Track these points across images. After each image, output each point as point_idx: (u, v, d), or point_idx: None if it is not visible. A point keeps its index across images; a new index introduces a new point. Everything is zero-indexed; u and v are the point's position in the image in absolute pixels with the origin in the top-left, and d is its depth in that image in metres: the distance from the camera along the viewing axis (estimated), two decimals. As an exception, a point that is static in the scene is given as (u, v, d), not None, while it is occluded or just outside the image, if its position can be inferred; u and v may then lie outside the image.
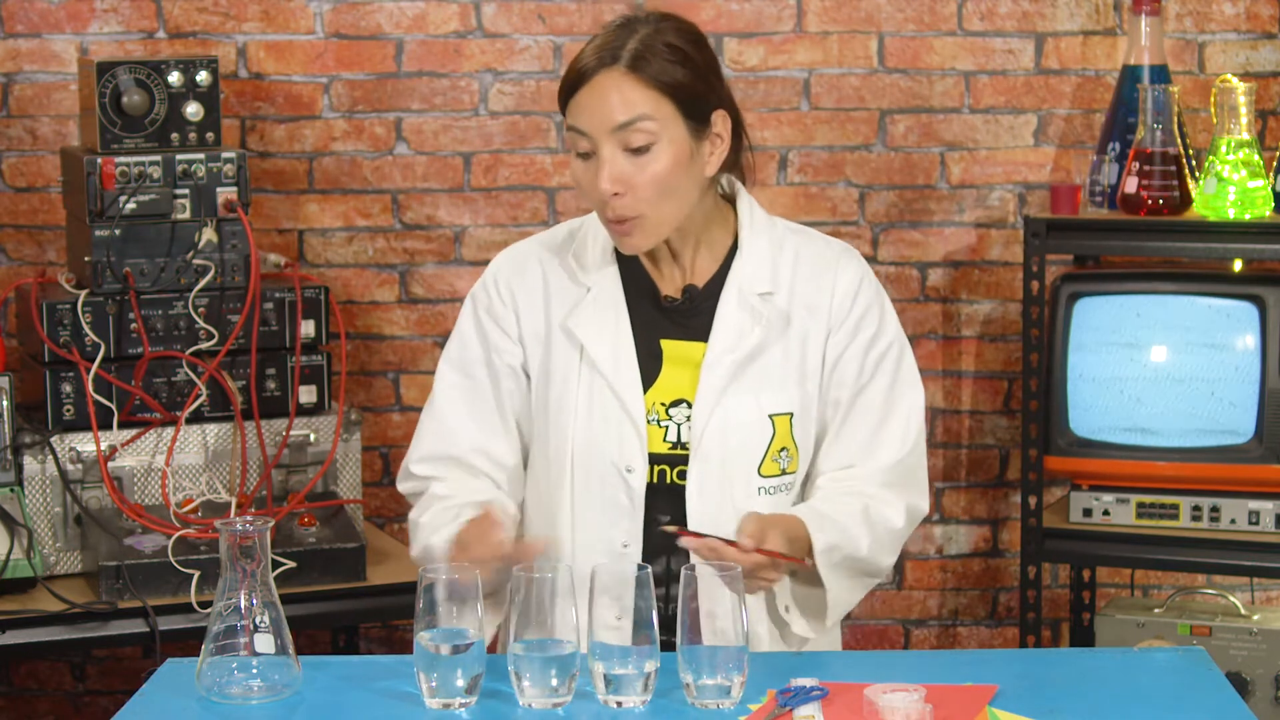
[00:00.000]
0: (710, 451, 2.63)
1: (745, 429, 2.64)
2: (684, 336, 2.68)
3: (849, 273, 2.71)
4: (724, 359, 2.64)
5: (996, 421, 4.31)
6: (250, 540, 2.33)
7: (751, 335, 2.65)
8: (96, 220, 3.63)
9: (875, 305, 2.71)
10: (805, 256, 2.72)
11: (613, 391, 2.64)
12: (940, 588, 4.35)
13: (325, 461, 3.74)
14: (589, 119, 2.56)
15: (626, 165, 2.56)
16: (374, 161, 4.20)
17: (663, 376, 2.67)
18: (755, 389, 2.65)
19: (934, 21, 4.19)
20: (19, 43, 4.08)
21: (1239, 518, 3.82)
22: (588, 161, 2.58)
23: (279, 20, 4.14)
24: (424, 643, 2.30)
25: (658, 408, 2.65)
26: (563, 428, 2.67)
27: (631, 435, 2.64)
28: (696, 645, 2.30)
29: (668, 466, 2.65)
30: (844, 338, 2.69)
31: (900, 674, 2.35)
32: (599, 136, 2.55)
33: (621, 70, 2.55)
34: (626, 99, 2.55)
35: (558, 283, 2.71)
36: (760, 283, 2.67)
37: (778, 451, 2.66)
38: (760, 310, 2.66)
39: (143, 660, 4.14)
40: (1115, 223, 3.88)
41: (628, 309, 2.68)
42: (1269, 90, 4.17)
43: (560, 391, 2.68)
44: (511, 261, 2.75)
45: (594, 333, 2.67)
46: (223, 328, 3.69)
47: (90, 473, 3.61)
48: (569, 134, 2.60)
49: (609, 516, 2.65)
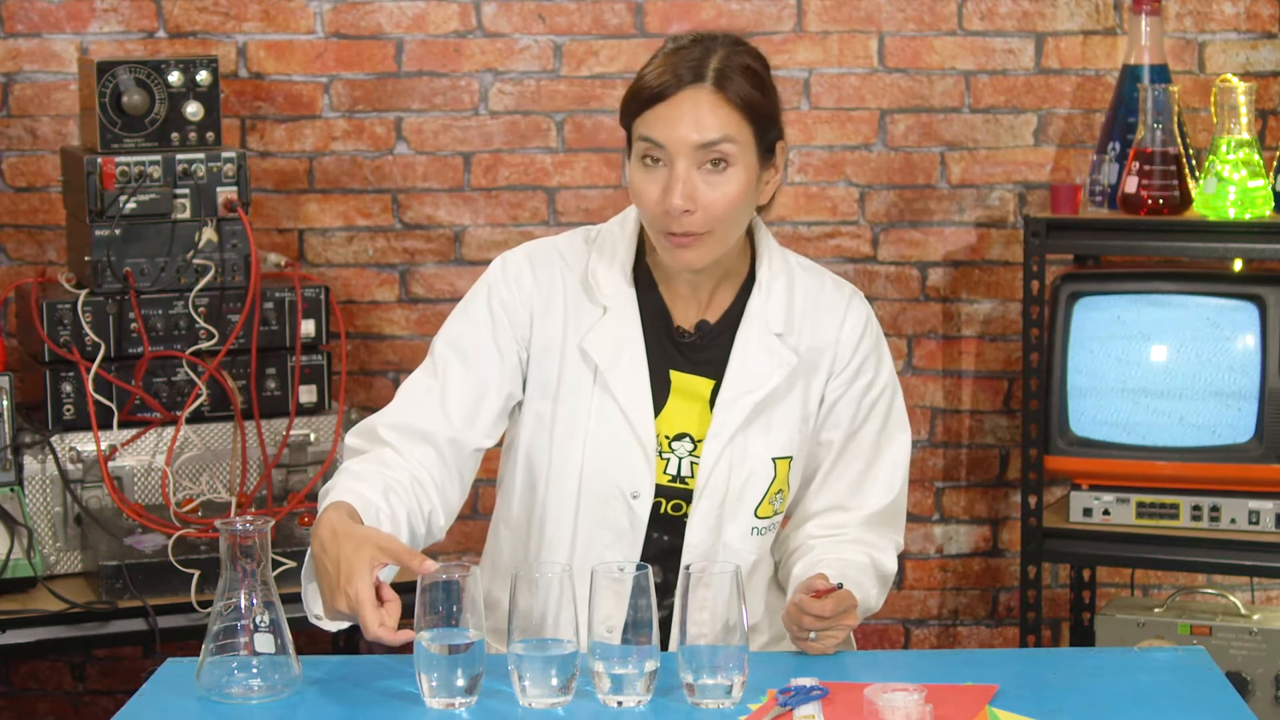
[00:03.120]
0: (716, 489, 2.64)
1: (750, 471, 2.65)
2: (693, 371, 2.66)
3: (854, 318, 2.70)
4: (743, 399, 2.63)
5: (996, 421, 4.31)
6: (250, 540, 2.33)
7: (772, 378, 2.64)
8: (96, 220, 3.63)
9: (875, 352, 2.72)
10: (815, 298, 2.70)
11: (625, 417, 2.63)
12: (940, 587, 4.35)
13: (325, 461, 3.74)
14: (669, 133, 2.52)
15: (700, 182, 2.53)
16: (374, 161, 4.20)
17: (669, 408, 2.66)
18: (764, 431, 2.65)
19: (934, 21, 4.19)
20: (19, 43, 4.08)
21: (1239, 518, 3.81)
22: (652, 172, 2.55)
23: (279, 20, 4.14)
24: (424, 643, 2.30)
25: (661, 440, 2.65)
26: (571, 449, 2.65)
27: (641, 462, 2.63)
28: (696, 645, 2.30)
29: (663, 499, 2.65)
30: (843, 383, 2.69)
31: (900, 674, 2.35)
32: (678, 151, 2.52)
33: (709, 88, 2.53)
34: (713, 118, 2.53)
35: (575, 297, 2.67)
36: (777, 322, 2.66)
37: (774, 494, 2.67)
38: (778, 352, 2.65)
39: (143, 660, 4.14)
40: (1115, 222, 3.88)
41: (643, 335, 2.66)
42: (1269, 90, 4.17)
43: (570, 411, 2.65)
44: (535, 265, 2.68)
45: (610, 355, 2.64)
46: (223, 327, 3.69)
47: (90, 472, 3.61)
48: (639, 143, 2.55)
49: (608, 539, 2.65)
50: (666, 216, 2.54)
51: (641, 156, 2.56)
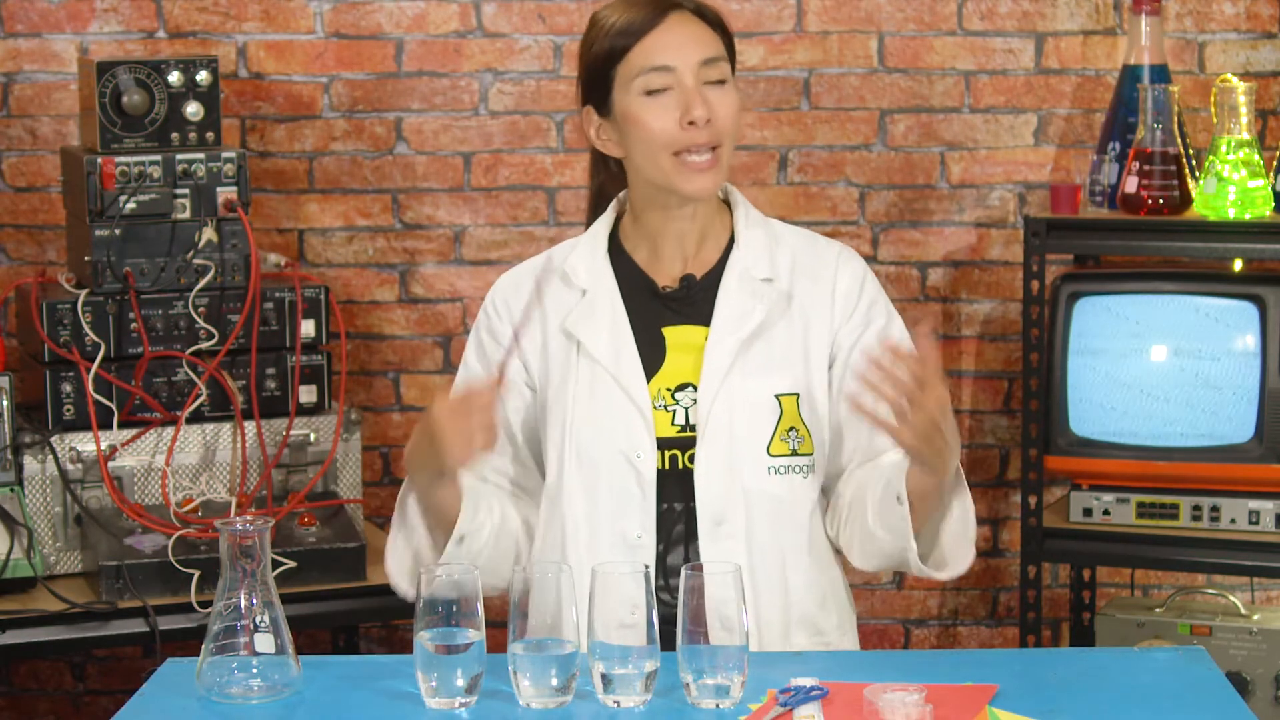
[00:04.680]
0: (717, 432, 2.64)
1: (752, 409, 2.65)
2: (685, 322, 2.70)
3: (850, 268, 2.73)
4: (727, 340, 2.65)
5: (996, 421, 4.31)
6: (250, 540, 2.33)
7: (754, 315, 2.66)
8: (96, 220, 3.63)
9: (881, 299, 2.74)
10: (805, 252, 2.74)
11: (614, 379, 2.65)
12: (940, 587, 4.35)
13: (325, 461, 3.74)
14: (674, 54, 2.63)
15: (710, 95, 2.63)
16: (374, 161, 4.20)
17: (667, 363, 2.68)
18: (760, 369, 2.66)
19: (934, 21, 4.19)
20: (19, 43, 4.08)
21: (1239, 518, 3.81)
22: (659, 99, 2.63)
23: (279, 20, 4.14)
24: (424, 643, 2.30)
25: (664, 393, 2.66)
26: (563, 421, 2.67)
27: (637, 420, 2.64)
28: (697, 645, 2.30)
29: (679, 451, 2.65)
30: (856, 326, 2.70)
31: (900, 674, 2.35)
32: (686, 70, 2.63)
33: (689, 13, 2.67)
34: (706, 36, 2.66)
35: (553, 292, 2.72)
36: (760, 269, 2.70)
37: (786, 431, 2.67)
38: (762, 292, 2.68)
39: (143, 660, 4.14)
40: (1115, 222, 3.88)
41: (625, 304, 2.70)
42: (1269, 90, 4.17)
43: (559, 387, 2.69)
44: (507, 284, 2.78)
45: (590, 328, 2.68)
46: (223, 327, 3.69)
47: (90, 472, 3.61)
48: (641, 78, 2.63)
49: (620, 507, 2.65)
50: (686, 134, 2.62)
51: (644, 92, 2.64)
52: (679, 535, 2.65)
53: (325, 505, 3.70)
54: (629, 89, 2.64)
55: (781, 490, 2.66)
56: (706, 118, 2.61)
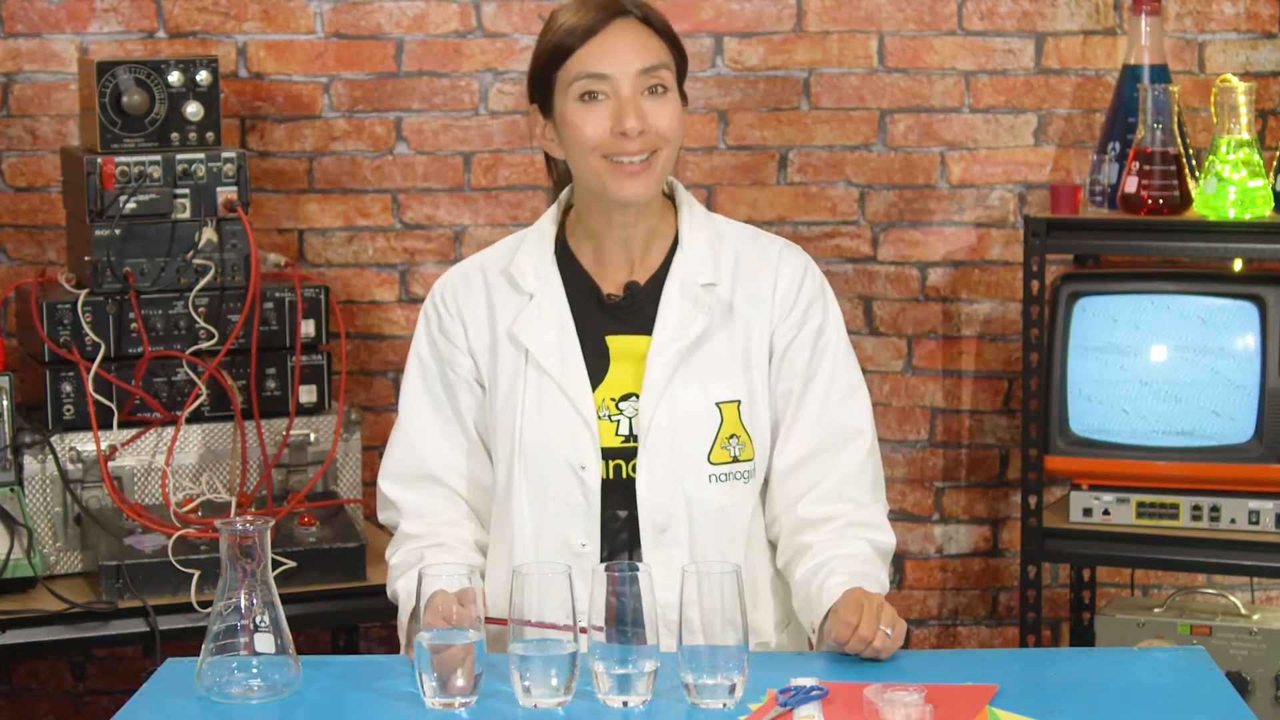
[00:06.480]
0: (658, 441, 2.64)
1: (692, 417, 2.65)
2: (629, 331, 2.69)
3: (791, 265, 2.73)
4: (668, 348, 2.66)
5: (996, 421, 4.31)
6: (250, 540, 2.33)
7: (695, 324, 2.67)
8: (96, 220, 3.63)
9: (820, 297, 2.73)
10: (747, 250, 2.74)
11: (561, 390, 2.65)
12: (940, 587, 4.35)
13: (325, 461, 3.74)
14: (611, 62, 2.61)
15: (647, 105, 2.62)
16: (374, 161, 4.20)
17: (611, 373, 2.68)
18: (701, 377, 2.66)
19: (934, 21, 4.19)
20: (19, 43, 4.09)
21: (1239, 518, 3.81)
22: (594, 106, 2.62)
23: (279, 20, 4.14)
24: (424, 643, 2.30)
25: (608, 403, 2.67)
26: (511, 430, 2.68)
27: (583, 432, 2.64)
28: (696, 645, 2.30)
29: (622, 461, 2.66)
30: (792, 327, 2.70)
31: (900, 674, 2.36)
32: (623, 79, 2.61)
33: (635, 19, 2.65)
34: (649, 45, 2.64)
35: (500, 293, 2.72)
36: (702, 274, 2.70)
37: (727, 438, 2.67)
38: (703, 300, 2.68)
39: (143, 660, 4.14)
40: (1115, 222, 3.88)
41: (572, 310, 2.70)
42: (1269, 90, 4.17)
43: (508, 395, 2.69)
44: (455, 279, 2.77)
45: (538, 336, 2.68)
46: (223, 327, 3.69)
47: (90, 472, 3.61)
48: (577, 83, 2.62)
49: (565, 515, 2.66)
50: (617, 143, 2.61)
51: (580, 96, 2.62)
52: (623, 543, 2.65)
53: (325, 505, 3.70)
54: (567, 93, 2.64)
55: (723, 497, 2.67)
56: (640, 129, 2.60)
